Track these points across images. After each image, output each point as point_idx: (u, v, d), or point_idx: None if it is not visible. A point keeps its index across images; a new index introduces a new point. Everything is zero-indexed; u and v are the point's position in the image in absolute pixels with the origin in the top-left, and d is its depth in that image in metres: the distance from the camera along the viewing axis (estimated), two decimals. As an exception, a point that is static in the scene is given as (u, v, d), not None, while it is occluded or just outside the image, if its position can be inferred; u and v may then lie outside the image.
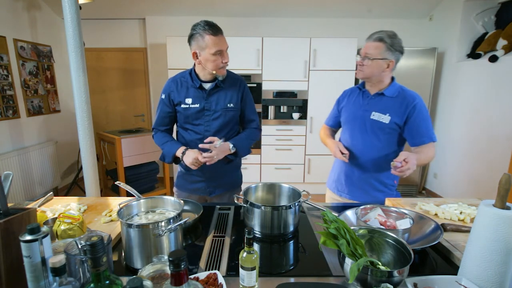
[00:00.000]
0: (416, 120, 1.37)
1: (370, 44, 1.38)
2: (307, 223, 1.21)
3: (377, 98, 1.44)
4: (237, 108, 1.51)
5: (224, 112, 1.48)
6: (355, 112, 1.50)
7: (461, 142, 3.36)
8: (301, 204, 1.19)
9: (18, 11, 3.27)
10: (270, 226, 1.07)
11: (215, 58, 1.38)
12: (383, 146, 1.43)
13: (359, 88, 1.54)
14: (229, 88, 1.50)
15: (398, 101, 1.40)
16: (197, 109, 1.47)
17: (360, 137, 1.47)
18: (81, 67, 2.37)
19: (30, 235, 0.65)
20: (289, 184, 1.25)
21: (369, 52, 1.37)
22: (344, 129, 1.59)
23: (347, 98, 1.59)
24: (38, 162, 3.38)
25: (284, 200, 1.26)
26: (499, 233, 0.70)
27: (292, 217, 1.08)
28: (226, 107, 1.48)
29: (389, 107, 1.41)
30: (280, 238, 1.09)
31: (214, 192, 1.57)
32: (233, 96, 1.50)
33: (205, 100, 1.46)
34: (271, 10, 3.77)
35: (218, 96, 1.48)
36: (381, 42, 1.35)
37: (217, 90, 1.48)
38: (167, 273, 0.73)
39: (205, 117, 1.48)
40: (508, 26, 2.93)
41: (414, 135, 1.39)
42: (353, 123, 1.50)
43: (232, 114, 1.50)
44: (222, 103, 1.48)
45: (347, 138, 1.54)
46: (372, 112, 1.44)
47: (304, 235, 1.13)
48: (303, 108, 3.73)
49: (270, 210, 1.06)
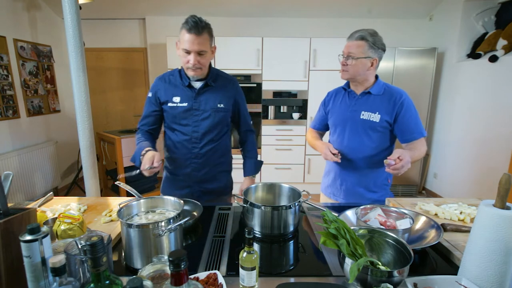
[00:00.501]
0: (405, 117, 1.37)
1: (352, 43, 1.36)
2: (307, 223, 1.21)
3: (364, 97, 1.43)
4: (227, 109, 1.46)
5: (213, 112, 1.42)
6: (344, 113, 1.48)
7: (461, 142, 3.36)
8: (301, 204, 1.19)
9: (18, 11, 3.27)
10: (270, 226, 1.07)
11: (183, 55, 1.32)
12: (376, 145, 1.42)
13: (344, 88, 1.52)
14: (220, 88, 1.44)
15: (386, 98, 1.39)
16: (185, 108, 1.41)
17: (352, 138, 1.45)
18: (81, 67, 2.37)
19: (30, 235, 0.65)
20: (289, 184, 1.25)
21: (352, 51, 1.35)
22: (333, 132, 1.56)
23: (332, 100, 1.57)
24: (38, 162, 3.38)
25: (284, 200, 1.26)
26: (499, 233, 0.70)
27: (292, 217, 1.08)
28: (216, 108, 1.42)
29: (377, 105, 1.40)
30: (280, 238, 1.09)
31: (202, 198, 1.46)
32: (224, 96, 1.44)
33: (194, 99, 1.41)
34: (271, 10, 3.77)
35: (208, 96, 1.42)
36: (363, 41, 1.33)
37: (207, 90, 1.42)
38: (167, 273, 0.73)
39: (193, 117, 1.42)
40: (508, 26, 2.93)
41: (404, 131, 1.39)
42: (343, 124, 1.48)
43: (222, 115, 1.44)
44: (211, 103, 1.42)
45: (337, 140, 1.51)
46: (361, 112, 1.42)
47: (304, 235, 1.13)
48: (303, 108, 3.73)
49: (270, 210, 1.06)
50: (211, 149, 1.46)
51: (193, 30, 1.25)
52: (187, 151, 1.45)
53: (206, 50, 1.31)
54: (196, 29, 1.25)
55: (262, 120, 3.73)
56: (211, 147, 1.45)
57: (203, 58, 1.32)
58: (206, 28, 1.29)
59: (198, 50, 1.28)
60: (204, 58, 1.32)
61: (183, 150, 1.45)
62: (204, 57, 1.32)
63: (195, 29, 1.25)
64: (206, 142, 1.44)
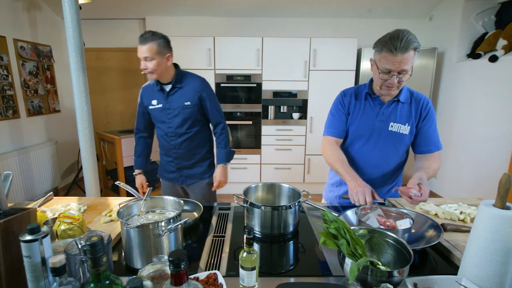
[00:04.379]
0: (426, 126, 1.28)
1: (407, 55, 1.12)
2: (307, 223, 1.21)
3: (392, 105, 1.29)
4: (193, 105, 1.65)
5: (181, 110, 1.65)
6: (370, 123, 1.31)
7: (461, 142, 3.36)
8: (301, 204, 1.19)
9: (18, 11, 3.27)
10: (270, 226, 1.07)
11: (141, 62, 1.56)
12: (398, 159, 1.33)
13: (369, 94, 1.32)
14: (186, 87, 1.65)
15: (413, 106, 1.29)
16: (160, 109, 1.68)
17: (377, 152, 1.31)
18: (81, 67, 2.37)
19: (30, 235, 0.65)
20: (289, 184, 1.25)
21: (407, 67, 1.14)
22: (352, 142, 1.36)
23: (353, 103, 1.35)
24: (38, 162, 3.38)
25: (284, 200, 1.26)
26: (499, 233, 0.70)
27: (292, 217, 1.08)
28: (183, 105, 1.64)
29: (406, 115, 1.28)
30: (280, 238, 1.09)
31: (185, 182, 1.79)
32: (189, 95, 1.65)
33: (166, 100, 1.66)
34: (271, 10, 3.77)
35: (176, 96, 1.65)
36: (415, 51, 1.14)
37: (175, 91, 1.65)
38: (167, 273, 0.73)
39: (167, 115, 1.67)
40: (508, 26, 2.93)
41: (422, 142, 1.30)
42: (368, 136, 1.32)
43: (190, 111, 1.65)
44: (179, 102, 1.65)
45: (358, 153, 1.35)
46: (390, 123, 1.28)
47: (304, 235, 1.13)
48: (303, 108, 3.73)
49: (270, 210, 1.06)
50: (186, 140, 1.70)
51: (140, 40, 1.52)
52: (167, 144, 1.73)
53: (152, 57, 1.53)
54: (142, 38, 1.52)
55: (262, 120, 3.73)
56: (185, 139, 1.70)
57: (150, 63, 1.54)
58: (150, 38, 1.52)
59: (143, 57, 1.53)
60: (151, 63, 1.54)
61: (164, 143, 1.75)
62: (151, 63, 1.54)
63: (142, 39, 1.52)
64: (180, 135, 1.69)
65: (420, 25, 3.93)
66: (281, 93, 3.67)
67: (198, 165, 1.77)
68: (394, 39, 1.11)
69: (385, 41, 1.13)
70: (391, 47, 1.11)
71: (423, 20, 3.94)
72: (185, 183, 1.79)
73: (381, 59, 1.16)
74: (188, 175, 1.78)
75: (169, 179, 1.83)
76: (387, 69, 1.15)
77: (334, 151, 1.32)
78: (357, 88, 1.38)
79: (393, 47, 1.10)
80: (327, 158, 1.34)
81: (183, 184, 1.80)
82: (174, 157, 1.74)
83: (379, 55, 1.17)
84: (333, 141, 1.35)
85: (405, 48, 1.10)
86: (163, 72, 1.60)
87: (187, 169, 1.77)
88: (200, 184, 1.79)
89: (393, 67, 1.13)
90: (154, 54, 1.53)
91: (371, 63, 1.25)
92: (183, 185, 1.81)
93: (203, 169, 1.79)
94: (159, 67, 1.57)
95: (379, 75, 1.19)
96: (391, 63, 1.13)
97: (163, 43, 1.56)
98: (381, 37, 1.16)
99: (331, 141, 1.36)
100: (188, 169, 1.77)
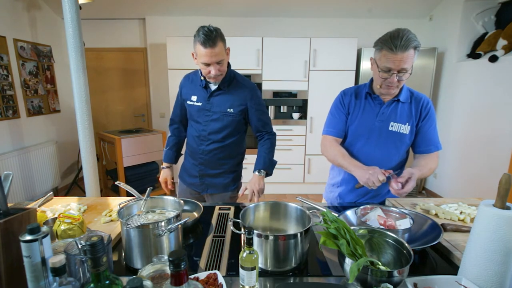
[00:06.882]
0: (429, 127, 1.28)
1: (407, 54, 1.12)
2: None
3: (392, 105, 1.29)
4: (236, 113, 1.49)
5: (222, 115, 1.48)
6: (370, 122, 1.31)
7: (461, 142, 3.36)
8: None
9: (18, 11, 3.27)
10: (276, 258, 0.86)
11: (203, 67, 1.37)
12: (399, 158, 1.32)
13: (369, 93, 1.32)
14: (233, 93, 1.48)
15: (413, 106, 1.29)
16: (199, 107, 1.50)
17: (378, 152, 1.30)
18: (81, 67, 2.37)
19: (30, 235, 0.65)
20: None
21: (407, 66, 1.14)
22: (352, 141, 1.36)
23: (353, 102, 1.35)
24: (38, 162, 3.38)
25: (292, 224, 1.04)
26: (499, 233, 0.70)
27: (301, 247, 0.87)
28: (225, 111, 1.48)
29: (407, 115, 1.28)
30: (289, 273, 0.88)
31: (206, 190, 1.61)
32: (235, 102, 1.48)
33: (207, 100, 1.49)
34: (271, 10, 3.77)
35: (220, 99, 1.48)
36: (415, 50, 1.14)
37: (220, 93, 1.48)
38: (167, 273, 0.73)
39: (205, 117, 1.50)
40: (508, 26, 2.93)
41: (422, 142, 1.30)
42: (368, 135, 1.31)
43: (231, 119, 1.49)
44: (222, 106, 1.48)
45: (358, 153, 1.33)
46: (390, 123, 1.28)
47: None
48: (303, 108, 3.73)
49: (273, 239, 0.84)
50: (217, 149, 1.52)
51: (208, 43, 1.28)
52: (196, 146, 1.56)
53: (223, 58, 1.35)
54: (210, 41, 1.28)
55: (262, 120, 3.72)
56: (216, 147, 1.52)
57: (222, 66, 1.37)
58: (218, 36, 1.31)
59: (216, 61, 1.33)
60: (223, 65, 1.38)
61: (193, 144, 1.57)
62: (223, 65, 1.37)
63: (210, 42, 1.28)
64: (212, 142, 1.52)
65: (420, 25, 3.93)
66: (281, 93, 3.67)
67: (222, 176, 1.58)
68: (395, 37, 1.11)
69: (386, 40, 1.14)
70: (391, 46, 1.11)
71: (423, 20, 3.94)
72: (206, 192, 1.61)
73: (381, 58, 1.17)
74: (210, 184, 1.59)
75: (189, 184, 1.64)
76: (387, 67, 1.16)
77: (334, 147, 1.34)
78: (357, 87, 1.38)
79: (393, 45, 1.11)
80: (328, 155, 1.36)
81: (203, 192, 1.62)
82: (200, 162, 1.56)
83: (379, 53, 1.17)
84: (333, 140, 1.37)
85: (405, 46, 1.10)
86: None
87: (211, 177, 1.58)
88: (222, 196, 1.61)
89: (393, 66, 1.14)
90: (224, 53, 1.34)
91: (371, 62, 1.26)
92: (203, 193, 1.63)
93: (228, 181, 1.60)
94: (226, 66, 1.39)
95: (379, 74, 1.19)
96: (391, 62, 1.14)
97: (223, 36, 1.35)
98: (382, 36, 1.17)
99: (330, 139, 1.38)
100: (211, 177, 1.58)
